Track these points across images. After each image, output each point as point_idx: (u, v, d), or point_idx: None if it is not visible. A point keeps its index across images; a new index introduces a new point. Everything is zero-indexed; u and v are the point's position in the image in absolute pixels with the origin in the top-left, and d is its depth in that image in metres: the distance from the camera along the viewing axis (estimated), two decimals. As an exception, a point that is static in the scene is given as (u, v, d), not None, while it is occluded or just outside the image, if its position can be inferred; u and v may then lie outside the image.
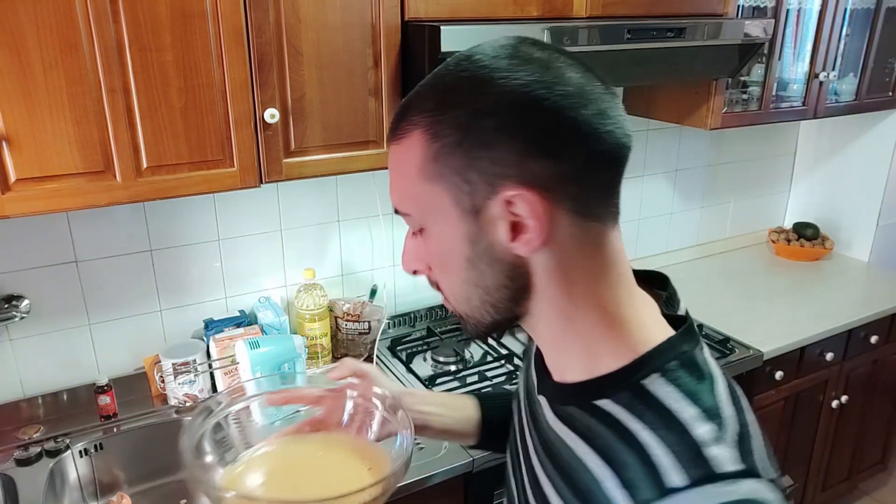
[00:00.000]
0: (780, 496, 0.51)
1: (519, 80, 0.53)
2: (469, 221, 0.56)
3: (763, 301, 2.21)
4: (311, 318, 1.72)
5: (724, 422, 0.53)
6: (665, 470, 0.51)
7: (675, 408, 0.54)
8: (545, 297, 0.58)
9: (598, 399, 0.58)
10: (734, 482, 0.50)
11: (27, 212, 1.15)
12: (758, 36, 1.74)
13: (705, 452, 0.51)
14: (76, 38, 1.10)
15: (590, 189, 0.55)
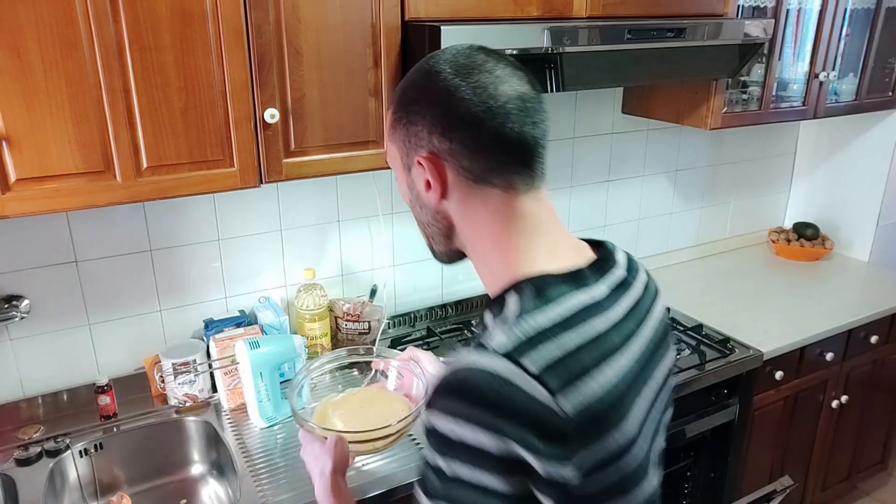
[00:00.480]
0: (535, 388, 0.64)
1: (440, 81, 0.75)
2: (407, 175, 0.81)
3: (763, 301, 2.21)
4: (311, 318, 1.72)
5: (524, 326, 0.69)
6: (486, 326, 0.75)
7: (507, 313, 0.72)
8: (464, 236, 0.80)
9: (485, 310, 0.79)
10: (492, 356, 0.66)
11: (27, 212, 1.15)
12: (758, 36, 1.74)
13: (493, 335, 0.69)
14: (76, 38, 1.10)
15: (482, 163, 0.75)
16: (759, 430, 2.04)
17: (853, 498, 2.63)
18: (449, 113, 0.74)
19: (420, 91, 0.77)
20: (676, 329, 1.99)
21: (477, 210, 0.77)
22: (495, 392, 0.65)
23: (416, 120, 0.76)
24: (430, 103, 0.75)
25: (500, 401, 0.64)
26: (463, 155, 0.74)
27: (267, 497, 1.30)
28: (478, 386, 0.65)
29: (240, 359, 1.49)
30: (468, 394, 0.66)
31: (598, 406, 0.68)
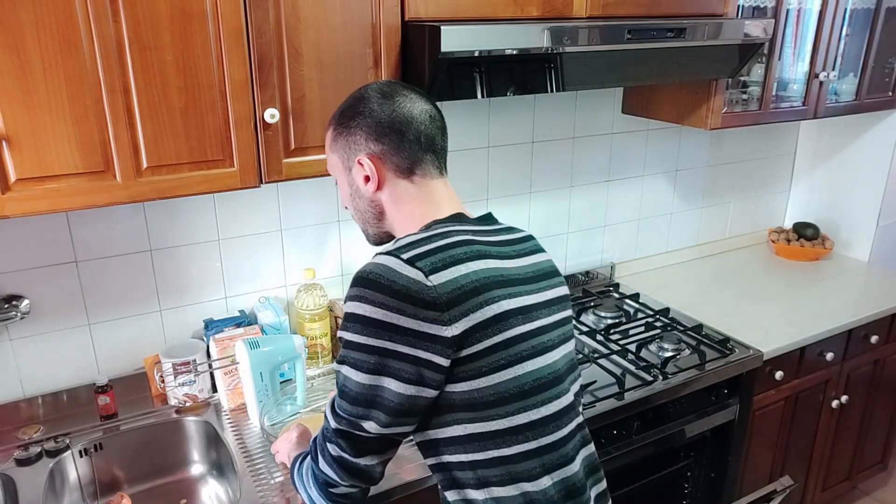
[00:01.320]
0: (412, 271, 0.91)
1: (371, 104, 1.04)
2: (347, 174, 1.07)
3: (763, 301, 2.21)
4: (311, 318, 1.72)
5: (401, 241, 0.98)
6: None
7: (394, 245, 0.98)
8: (391, 217, 1.07)
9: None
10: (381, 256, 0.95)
11: (27, 212, 1.15)
12: (758, 36, 1.74)
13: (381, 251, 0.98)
14: (76, 37, 1.10)
15: (402, 161, 1.03)
16: (760, 430, 2.04)
17: (853, 498, 2.63)
18: (380, 124, 1.02)
19: (355, 110, 1.04)
20: (676, 329, 1.99)
21: (402, 195, 1.05)
22: (382, 276, 0.91)
23: (354, 131, 1.04)
24: (364, 117, 1.03)
25: (385, 282, 0.91)
26: (392, 154, 1.03)
27: (267, 497, 1.30)
28: (367, 273, 0.93)
29: (240, 359, 1.49)
30: (360, 280, 0.93)
31: (465, 282, 0.93)
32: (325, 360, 1.77)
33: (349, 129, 1.04)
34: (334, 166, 1.09)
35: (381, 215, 1.07)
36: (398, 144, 1.02)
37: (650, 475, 1.85)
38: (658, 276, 2.41)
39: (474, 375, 0.92)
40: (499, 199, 2.05)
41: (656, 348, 1.88)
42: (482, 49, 1.33)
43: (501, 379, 0.94)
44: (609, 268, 2.37)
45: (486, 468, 0.96)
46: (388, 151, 1.02)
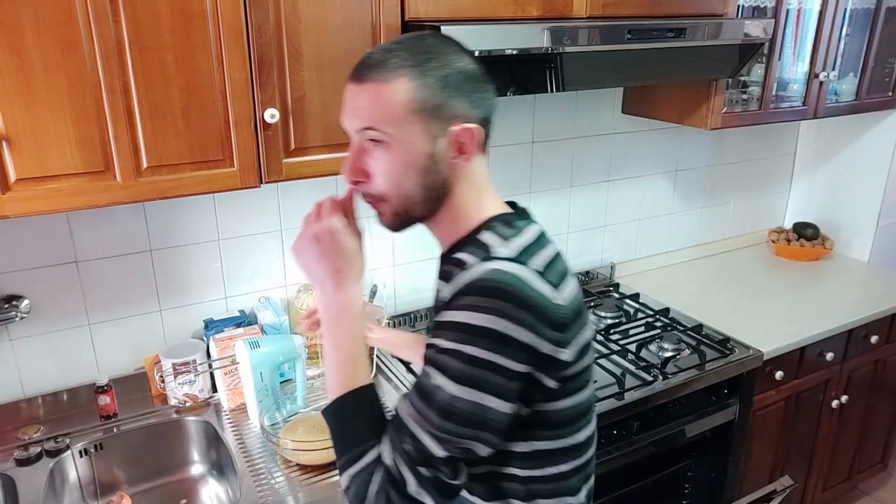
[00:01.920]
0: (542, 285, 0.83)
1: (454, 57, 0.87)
2: (430, 142, 0.86)
3: (763, 301, 2.20)
4: (312, 318, 1.71)
5: (512, 241, 0.88)
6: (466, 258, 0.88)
7: (487, 241, 0.89)
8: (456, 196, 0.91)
9: (454, 253, 0.93)
10: (502, 262, 0.83)
11: (27, 212, 1.15)
12: (758, 36, 1.74)
13: (493, 250, 0.87)
14: (76, 38, 1.10)
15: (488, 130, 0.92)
16: (760, 430, 2.04)
17: (853, 498, 2.63)
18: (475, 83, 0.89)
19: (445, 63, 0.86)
20: (676, 329, 1.99)
21: (474, 173, 0.92)
22: (516, 289, 0.80)
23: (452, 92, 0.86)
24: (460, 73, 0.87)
25: (521, 297, 0.80)
26: (487, 122, 0.91)
27: (267, 497, 1.30)
28: (507, 285, 0.80)
29: (240, 359, 1.49)
30: (496, 292, 0.80)
31: (577, 303, 0.89)
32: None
33: (446, 85, 0.85)
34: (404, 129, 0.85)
35: (442, 198, 0.91)
36: (491, 109, 0.91)
37: (650, 475, 1.85)
38: (658, 276, 2.41)
39: (563, 396, 0.88)
40: (499, 199, 2.04)
41: (656, 348, 1.88)
42: (482, 49, 1.33)
43: (579, 399, 0.90)
44: (609, 268, 2.37)
45: (539, 483, 0.91)
46: (484, 119, 0.90)
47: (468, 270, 0.84)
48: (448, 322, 0.81)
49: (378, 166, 0.88)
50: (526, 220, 0.94)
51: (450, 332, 0.81)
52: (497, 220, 0.91)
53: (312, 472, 1.37)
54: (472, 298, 0.80)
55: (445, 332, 0.81)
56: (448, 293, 0.85)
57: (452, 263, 0.92)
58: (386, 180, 0.88)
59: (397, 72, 0.84)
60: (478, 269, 0.83)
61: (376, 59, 0.86)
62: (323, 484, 1.34)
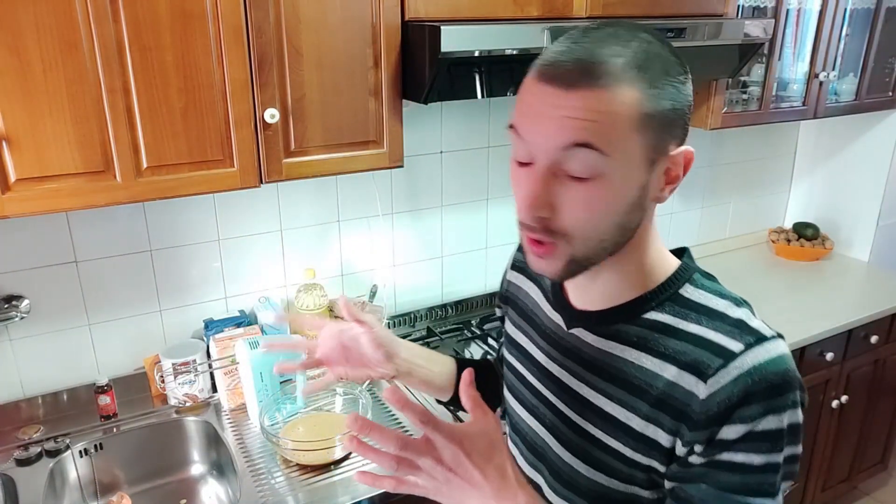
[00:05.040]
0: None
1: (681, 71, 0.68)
2: (646, 171, 0.67)
3: (763, 301, 2.20)
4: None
5: (748, 305, 0.73)
6: (723, 343, 0.68)
7: (711, 304, 0.72)
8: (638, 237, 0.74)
9: (646, 312, 0.74)
10: (774, 342, 0.69)
11: (27, 212, 1.15)
12: (758, 36, 1.74)
13: (749, 325, 0.69)
14: (76, 38, 1.10)
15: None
16: (760, 430, 2.04)
17: (853, 498, 2.62)
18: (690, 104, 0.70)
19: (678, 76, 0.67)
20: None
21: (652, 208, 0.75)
22: (795, 371, 0.69)
23: (681, 110, 0.68)
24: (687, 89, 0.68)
25: (798, 377, 0.69)
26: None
27: (267, 497, 1.30)
28: (792, 372, 0.68)
29: (240, 359, 1.49)
30: (791, 384, 0.67)
31: None
32: (325, 360, 1.77)
33: (678, 103, 0.67)
34: (620, 154, 0.64)
35: (627, 233, 0.72)
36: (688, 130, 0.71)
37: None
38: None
39: None
40: (499, 200, 2.05)
41: (656, 348, 1.88)
42: (482, 49, 1.33)
43: None
44: (609, 268, 2.36)
45: None
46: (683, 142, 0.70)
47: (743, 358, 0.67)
48: (749, 434, 0.66)
49: (577, 196, 0.66)
50: (692, 259, 0.80)
51: (754, 444, 0.66)
52: (693, 272, 0.76)
53: (312, 472, 1.37)
54: (777, 400, 0.66)
55: (747, 446, 0.66)
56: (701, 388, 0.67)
57: (647, 327, 0.73)
58: (583, 216, 0.67)
59: (622, 78, 0.63)
60: (759, 358, 0.67)
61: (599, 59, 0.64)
62: (323, 484, 1.34)
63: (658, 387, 0.70)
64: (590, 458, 0.77)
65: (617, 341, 0.75)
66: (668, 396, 0.69)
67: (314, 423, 1.45)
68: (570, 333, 0.80)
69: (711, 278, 0.77)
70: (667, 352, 0.71)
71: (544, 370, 0.84)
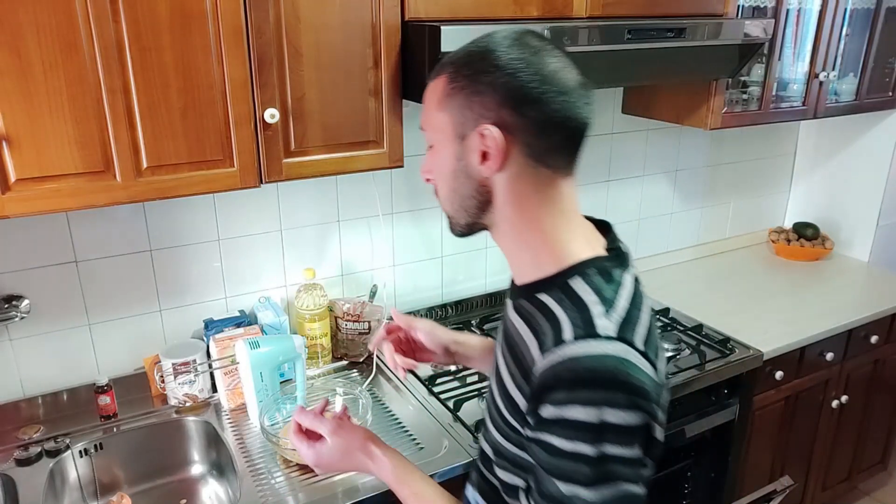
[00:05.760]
0: (645, 364, 0.73)
1: (511, 57, 0.76)
2: (457, 144, 0.80)
3: (763, 301, 2.21)
4: (311, 318, 1.72)
5: (615, 308, 0.76)
6: (563, 329, 0.75)
7: (582, 296, 0.77)
8: (502, 212, 0.82)
9: (540, 293, 0.81)
10: (605, 342, 0.73)
11: (27, 212, 1.15)
12: (758, 36, 1.74)
13: (594, 322, 0.75)
14: (76, 38, 1.10)
15: (542, 142, 0.78)
16: (760, 430, 2.04)
17: (853, 498, 2.63)
18: (522, 88, 0.76)
19: (489, 61, 0.77)
20: (676, 329, 1.99)
21: (525, 188, 0.80)
22: (625, 374, 0.71)
23: (484, 90, 0.77)
24: (504, 73, 0.76)
25: (633, 380, 0.72)
26: (530, 132, 0.77)
27: (267, 497, 1.30)
28: (610, 372, 0.71)
29: (240, 359, 1.49)
30: (605, 381, 0.71)
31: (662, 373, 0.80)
32: (325, 359, 1.77)
33: (477, 84, 0.77)
34: (438, 129, 0.82)
35: (486, 205, 0.83)
36: (542, 120, 0.77)
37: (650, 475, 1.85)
38: (658, 276, 2.41)
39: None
40: (499, 199, 2.04)
41: (656, 348, 1.88)
42: (482, 49, 1.33)
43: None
44: (609, 268, 2.36)
45: None
46: (524, 126, 0.77)
47: (566, 348, 0.73)
48: (559, 420, 0.72)
49: (431, 162, 0.86)
50: (624, 266, 0.84)
51: (562, 430, 0.72)
52: (592, 267, 0.80)
53: (312, 472, 1.37)
54: (582, 392, 0.71)
55: (557, 430, 0.72)
56: (539, 360, 0.76)
57: (536, 305, 0.81)
58: (436, 182, 0.87)
59: (442, 69, 0.81)
60: (579, 350, 0.73)
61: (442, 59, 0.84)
62: (323, 484, 1.34)
63: (528, 358, 0.80)
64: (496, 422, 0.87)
65: (519, 315, 0.85)
66: (528, 366, 0.79)
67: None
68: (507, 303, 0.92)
69: (610, 280, 0.80)
70: (537, 327, 0.80)
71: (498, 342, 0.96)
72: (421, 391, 1.65)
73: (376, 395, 1.64)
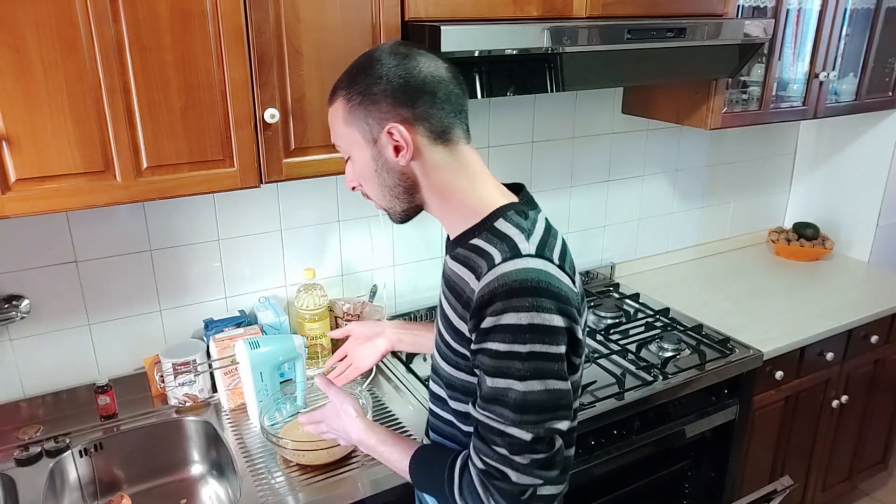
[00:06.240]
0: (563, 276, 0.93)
1: (390, 66, 0.94)
2: (371, 147, 0.97)
3: (763, 301, 2.21)
4: (311, 318, 1.72)
5: (533, 234, 0.96)
6: (494, 257, 0.93)
7: (505, 231, 0.96)
8: (427, 189, 0.99)
9: (472, 238, 0.98)
10: (528, 259, 0.91)
11: (27, 212, 1.15)
12: (758, 36, 1.74)
13: (517, 246, 0.93)
14: (76, 38, 1.10)
15: (436, 123, 0.95)
16: (760, 430, 2.04)
17: (853, 498, 2.63)
18: (408, 87, 0.93)
19: (373, 74, 0.94)
20: (676, 329, 1.99)
21: (437, 163, 0.97)
22: (547, 283, 0.89)
23: (377, 98, 0.94)
24: (388, 81, 0.93)
25: (553, 288, 0.89)
26: (424, 118, 0.94)
27: (267, 497, 1.30)
28: (537, 282, 0.88)
29: (240, 359, 1.49)
30: (533, 290, 0.88)
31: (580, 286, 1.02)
32: (325, 359, 1.77)
33: (370, 96, 0.94)
34: (351, 142, 0.98)
35: (413, 188, 0.99)
36: (430, 107, 0.94)
37: (650, 475, 1.85)
38: (658, 276, 2.41)
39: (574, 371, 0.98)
40: (499, 199, 2.04)
41: (656, 348, 1.88)
42: (482, 49, 1.33)
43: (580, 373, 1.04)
44: (609, 268, 2.37)
45: None
46: (420, 116, 0.94)
47: (497, 268, 0.90)
48: (496, 326, 0.88)
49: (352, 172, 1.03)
50: (534, 208, 1.02)
51: (500, 335, 0.88)
52: (509, 209, 0.98)
53: (312, 472, 1.37)
54: (514, 301, 0.87)
55: (495, 336, 0.89)
56: (477, 287, 0.92)
57: (470, 249, 0.98)
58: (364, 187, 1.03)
59: (338, 92, 0.98)
60: (508, 267, 0.90)
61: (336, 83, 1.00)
62: (323, 484, 1.34)
63: (468, 290, 0.95)
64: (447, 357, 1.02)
65: (457, 261, 1.00)
66: (469, 297, 0.94)
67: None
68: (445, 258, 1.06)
69: (524, 215, 0.98)
70: (473, 265, 0.95)
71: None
72: (421, 391, 1.65)
73: (376, 395, 1.64)
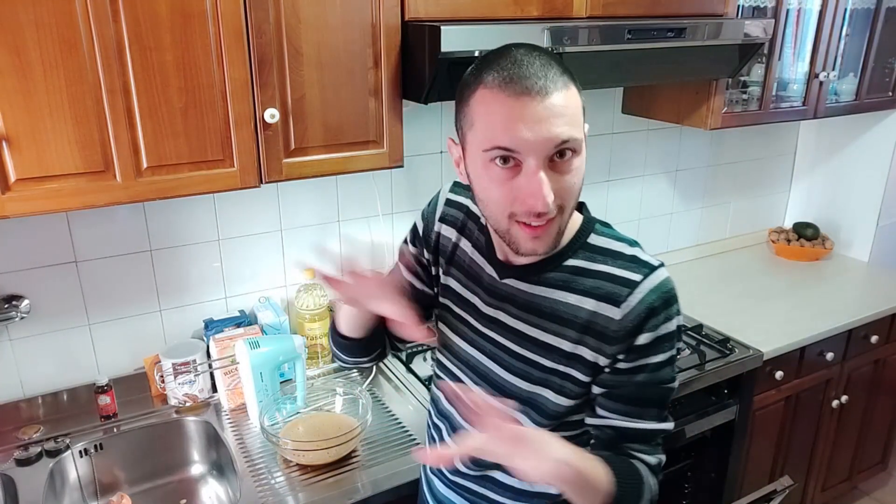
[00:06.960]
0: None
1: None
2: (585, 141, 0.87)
3: (763, 301, 2.21)
4: (312, 318, 1.72)
5: (638, 244, 0.96)
6: (627, 276, 0.90)
7: (612, 247, 0.95)
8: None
9: (566, 260, 0.94)
10: (661, 269, 0.92)
11: (27, 212, 1.15)
12: (758, 36, 1.74)
13: (641, 259, 0.92)
14: (76, 38, 1.10)
15: None
16: (760, 430, 2.04)
17: (853, 498, 2.63)
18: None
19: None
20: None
21: None
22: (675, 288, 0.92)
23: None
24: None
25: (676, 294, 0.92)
26: None
27: (267, 497, 1.30)
28: (674, 289, 0.92)
29: (240, 359, 1.49)
30: (675, 297, 0.92)
31: None
32: (325, 359, 1.77)
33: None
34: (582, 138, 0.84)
35: None
36: None
37: (650, 475, 1.85)
38: (658, 276, 2.41)
39: None
40: (499, 199, 2.04)
41: (656, 348, 1.88)
42: (482, 49, 1.33)
43: None
44: (609, 268, 2.36)
45: None
46: None
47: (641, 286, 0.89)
48: (655, 340, 0.89)
49: (570, 173, 0.83)
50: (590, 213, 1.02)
51: (658, 347, 0.90)
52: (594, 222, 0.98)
53: (312, 472, 1.37)
54: (670, 310, 0.90)
55: (654, 349, 0.90)
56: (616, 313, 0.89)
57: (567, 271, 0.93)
58: (577, 187, 0.85)
59: (568, 79, 0.82)
60: (654, 281, 0.90)
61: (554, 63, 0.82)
62: (323, 484, 1.34)
63: (581, 317, 0.91)
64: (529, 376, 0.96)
65: (546, 286, 0.95)
66: (591, 323, 0.91)
67: (314, 423, 1.45)
68: (503, 283, 0.99)
69: (608, 226, 0.99)
70: (584, 289, 0.92)
71: (482, 313, 1.02)
72: (421, 391, 1.65)
73: (376, 395, 1.64)
